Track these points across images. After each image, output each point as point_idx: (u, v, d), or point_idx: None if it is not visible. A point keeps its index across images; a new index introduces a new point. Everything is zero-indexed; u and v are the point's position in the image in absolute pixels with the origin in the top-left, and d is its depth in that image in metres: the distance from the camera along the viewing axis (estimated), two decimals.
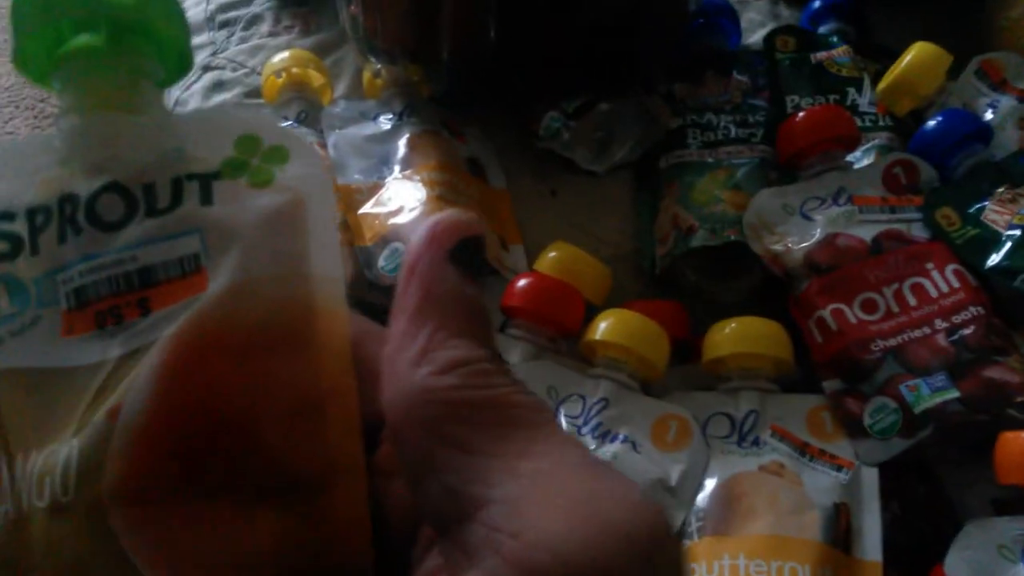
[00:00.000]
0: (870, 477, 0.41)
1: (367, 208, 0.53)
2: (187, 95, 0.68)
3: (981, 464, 0.43)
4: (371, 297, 0.51)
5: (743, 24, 0.68)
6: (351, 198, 0.54)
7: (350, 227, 0.53)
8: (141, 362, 0.18)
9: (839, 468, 0.42)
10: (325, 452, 0.18)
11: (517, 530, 0.16)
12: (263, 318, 0.18)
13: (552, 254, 0.52)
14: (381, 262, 0.50)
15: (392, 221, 0.52)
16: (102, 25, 0.20)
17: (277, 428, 0.18)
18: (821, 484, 0.41)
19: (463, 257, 0.19)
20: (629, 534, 0.16)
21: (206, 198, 0.19)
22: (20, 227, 0.19)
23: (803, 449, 0.43)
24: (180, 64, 0.22)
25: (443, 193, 0.53)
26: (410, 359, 0.18)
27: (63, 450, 0.17)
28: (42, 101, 1.72)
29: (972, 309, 0.44)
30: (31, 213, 0.19)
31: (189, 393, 0.17)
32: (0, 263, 0.19)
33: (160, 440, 0.17)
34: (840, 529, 0.40)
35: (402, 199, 0.53)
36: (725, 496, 0.41)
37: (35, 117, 1.68)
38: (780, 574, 0.38)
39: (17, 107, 1.42)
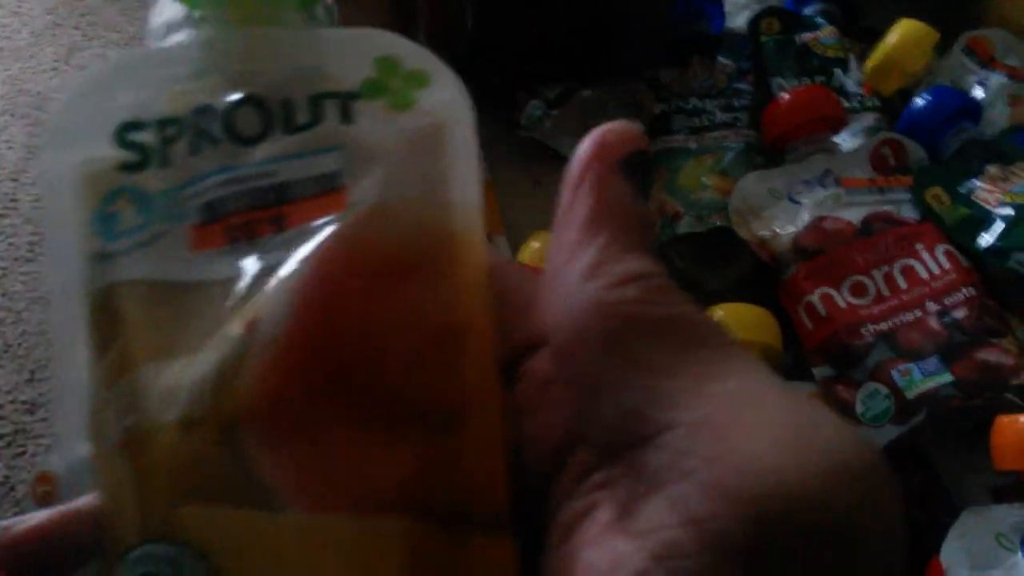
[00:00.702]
0: None
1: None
2: None
3: (978, 451, 0.42)
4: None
5: (727, 7, 0.66)
6: None
7: None
8: (278, 278, 0.17)
9: None
10: (460, 386, 0.17)
11: (714, 454, 0.14)
12: (402, 242, 0.18)
13: (535, 245, 0.51)
14: None
15: None
16: None
17: (411, 357, 0.17)
18: None
19: (633, 169, 0.18)
20: (851, 466, 0.14)
21: (346, 117, 0.19)
22: (149, 138, 0.19)
23: None
24: None
25: None
26: (582, 272, 0.16)
27: (195, 364, 0.17)
28: (38, 108, 1.72)
29: (964, 290, 0.43)
30: (162, 124, 0.19)
31: (328, 312, 0.17)
32: (127, 174, 0.19)
33: (297, 357, 0.16)
34: None
35: None
36: None
37: (31, 125, 1.67)
38: None
39: (13, 115, 1.41)
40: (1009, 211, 0.45)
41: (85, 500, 0.17)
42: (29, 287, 1.48)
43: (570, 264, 0.17)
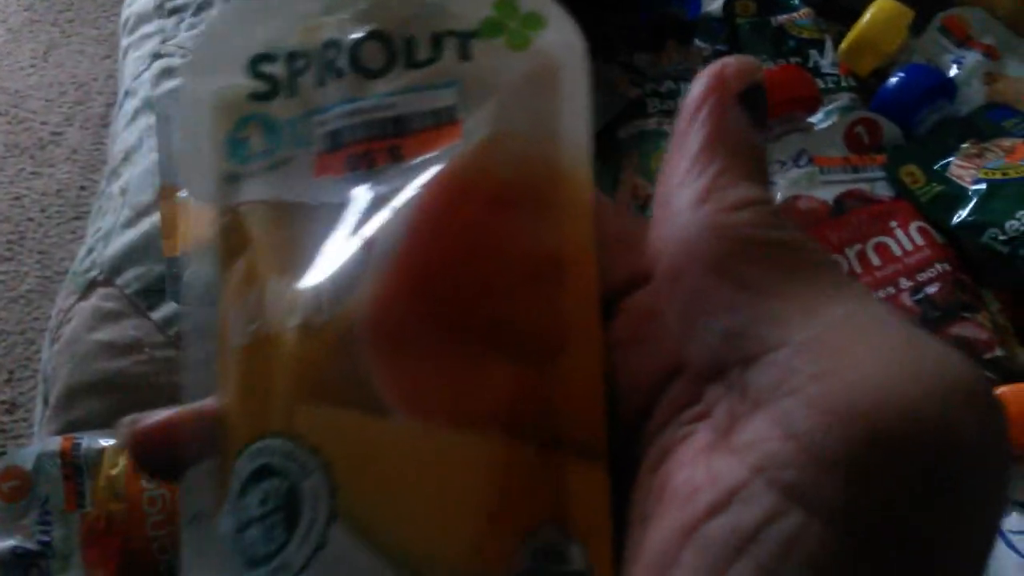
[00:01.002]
0: None
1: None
2: (137, 84, 0.67)
3: None
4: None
5: None
6: None
7: None
8: (395, 204, 0.18)
9: None
10: (561, 316, 0.18)
11: (823, 371, 0.14)
12: (513, 174, 0.18)
13: None
14: None
15: None
16: None
17: (516, 284, 0.18)
18: None
19: (751, 102, 0.18)
20: (967, 388, 0.14)
21: (464, 54, 0.20)
22: (279, 69, 0.20)
23: None
24: None
25: None
26: (693, 196, 0.17)
27: (316, 277, 0.18)
28: (15, 107, 1.70)
29: (938, 266, 0.42)
30: (292, 56, 0.20)
31: (441, 235, 0.18)
32: (257, 102, 0.20)
33: (411, 274, 0.17)
34: None
35: None
36: None
37: (9, 122, 1.66)
38: None
39: None
40: (983, 187, 0.45)
41: (206, 401, 0.18)
42: (8, 287, 1.47)
43: (682, 189, 0.17)
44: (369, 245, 0.18)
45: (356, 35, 0.20)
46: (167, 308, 0.52)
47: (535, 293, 0.18)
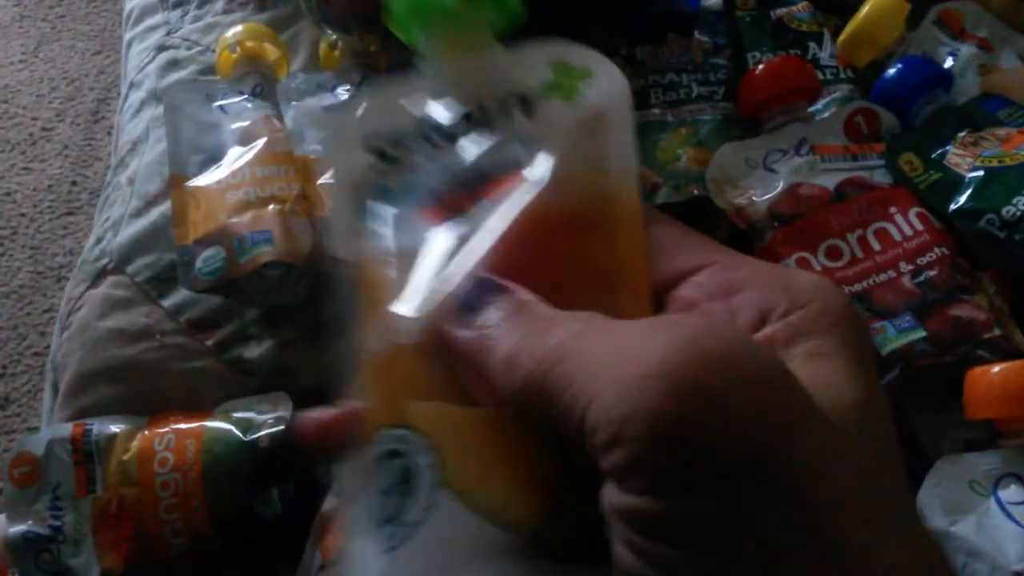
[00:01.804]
0: None
1: (325, 179, 0.52)
2: (142, 76, 0.67)
3: (950, 408, 0.43)
4: (331, 267, 0.50)
5: None
6: (309, 169, 0.53)
7: (308, 198, 0.52)
8: (479, 237, 0.23)
9: None
10: (619, 314, 0.20)
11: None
12: (575, 203, 0.23)
13: None
14: None
15: None
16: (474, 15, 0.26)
17: (582, 289, 0.22)
18: None
19: None
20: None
21: (528, 113, 0.24)
22: (391, 149, 0.25)
23: None
24: (510, 15, 0.27)
25: None
26: None
27: (419, 304, 0.22)
28: (5, 102, 1.69)
29: (936, 250, 0.44)
30: (400, 139, 0.25)
31: (513, 258, 0.22)
32: (379, 177, 0.25)
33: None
34: None
35: None
36: None
37: (0, 119, 1.65)
38: None
39: None
40: (980, 174, 0.46)
41: (353, 403, 0.23)
42: (0, 282, 1.46)
43: None
44: (458, 275, 0.22)
45: (450, 116, 0.25)
46: (178, 296, 0.53)
47: (596, 296, 0.22)
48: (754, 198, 0.48)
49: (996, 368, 0.38)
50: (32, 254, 1.45)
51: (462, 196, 0.24)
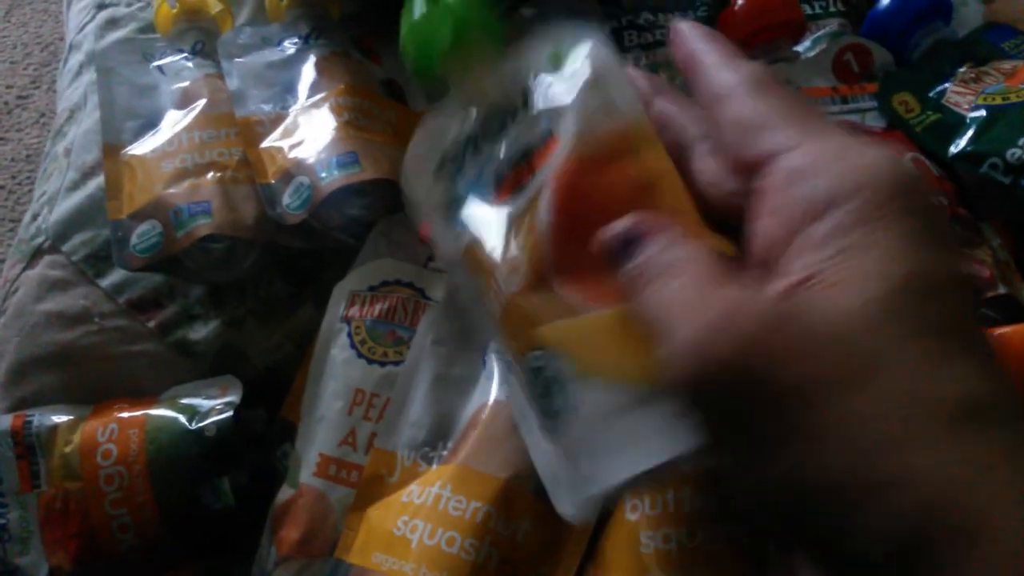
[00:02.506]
0: None
1: (269, 141, 0.48)
2: (81, 37, 0.62)
3: None
4: (278, 238, 0.46)
5: None
6: (251, 131, 0.49)
7: (251, 163, 0.48)
8: (542, 194, 0.28)
9: None
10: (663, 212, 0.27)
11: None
12: (601, 144, 0.28)
13: None
14: (286, 199, 0.46)
15: (295, 154, 0.47)
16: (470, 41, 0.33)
17: (631, 205, 0.26)
18: None
19: None
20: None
21: (544, 96, 0.30)
22: (451, 164, 0.33)
23: None
24: (496, 35, 0.34)
25: (354, 119, 0.48)
26: None
27: (518, 255, 0.29)
28: None
29: (935, 200, 0.39)
30: (449, 156, 0.33)
31: (575, 196, 0.28)
32: (452, 190, 0.33)
33: (562, 227, 0.28)
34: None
35: (308, 129, 0.48)
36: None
37: None
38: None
39: None
40: (982, 113, 0.42)
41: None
42: None
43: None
44: (532, 226, 0.29)
45: (482, 128, 0.32)
46: (116, 275, 0.49)
47: (644, 203, 0.27)
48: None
49: (1002, 330, 0.34)
50: (12, 227, 1.41)
51: (519, 173, 0.30)
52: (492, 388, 0.40)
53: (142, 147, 0.49)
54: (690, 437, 0.24)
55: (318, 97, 0.50)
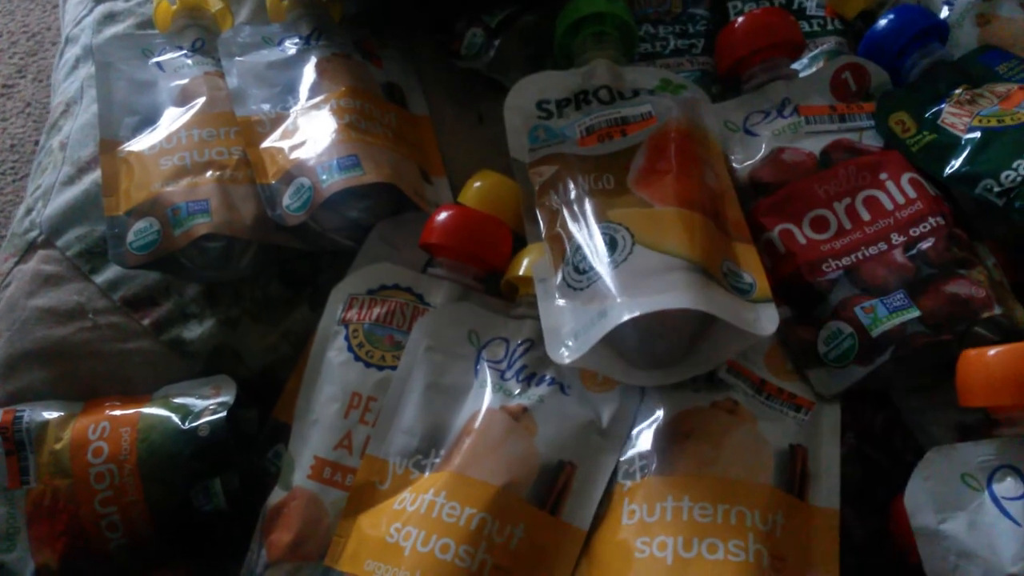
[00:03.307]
0: (831, 417, 0.38)
1: (270, 142, 0.48)
2: (78, 30, 0.62)
3: (942, 388, 0.40)
4: (276, 239, 0.46)
5: None
6: (252, 131, 0.49)
7: (251, 163, 0.47)
8: (636, 151, 0.44)
9: (798, 408, 0.38)
10: (721, 181, 0.44)
11: None
12: (686, 132, 0.44)
13: (477, 184, 0.48)
14: (286, 200, 0.45)
15: (296, 155, 0.47)
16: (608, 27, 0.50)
17: (705, 164, 0.43)
18: (777, 424, 0.37)
19: None
20: None
21: (652, 94, 0.47)
22: (552, 107, 0.47)
23: (760, 387, 0.39)
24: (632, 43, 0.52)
25: (354, 121, 0.48)
26: None
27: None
28: None
29: (931, 220, 0.40)
30: (559, 102, 0.47)
31: (663, 143, 0.44)
32: (543, 120, 0.46)
33: (651, 164, 0.43)
34: (794, 473, 0.36)
35: (308, 130, 0.48)
36: (672, 434, 0.38)
37: None
38: (727, 518, 0.34)
39: None
40: (977, 135, 0.43)
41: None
42: None
43: None
44: (626, 163, 0.43)
45: (597, 87, 0.47)
46: (111, 271, 0.49)
47: (713, 176, 0.43)
48: (734, 164, 0.44)
49: (993, 351, 0.35)
50: None
51: (612, 130, 0.45)
52: (485, 397, 0.40)
53: (140, 144, 0.49)
54: (707, 302, 0.35)
55: (319, 98, 0.50)
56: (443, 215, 0.44)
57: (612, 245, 0.39)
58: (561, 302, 0.39)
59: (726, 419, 0.38)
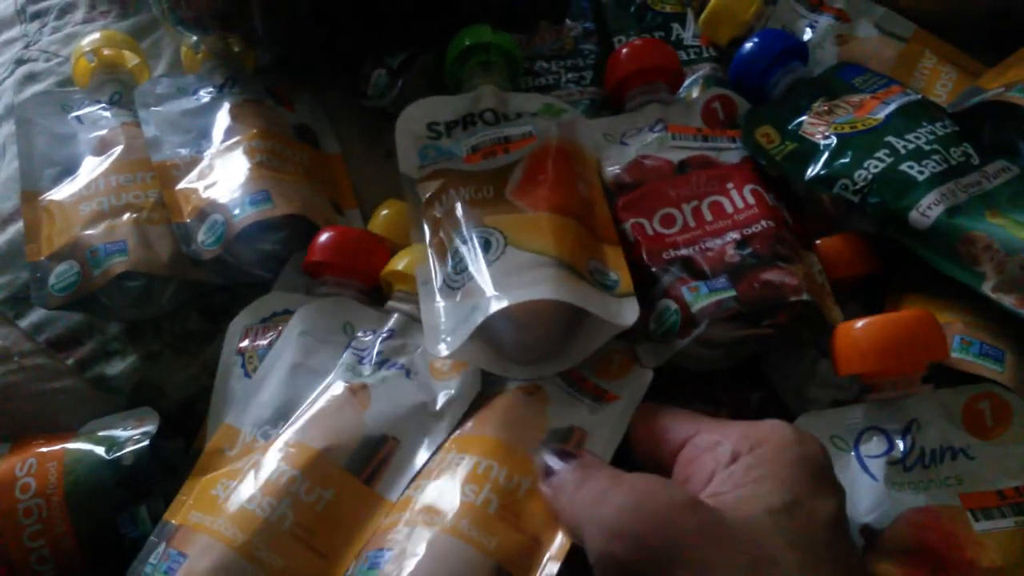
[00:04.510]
0: (625, 408, 0.40)
1: (185, 183, 0.51)
2: (0, 89, 0.64)
3: (819, 367, 0.43)
4: (196, 275, 0.49)
5: None
6: (168, 175, 0.51)
7: (167, 204, 0.50)
8: (516, 166, 0.47)
9: (597, 399, 0.41)
10: (593, 189, 0.49)
11: None
12: (563, 148, 0.48)
13: (384, 212, 0.51)
14: (201, 236, 0.48)
15: (210, 194, 0.49)
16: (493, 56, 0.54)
17: (578, 179, 0.47)
18: (568, 408, 0.40)
19: None
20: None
21: (534, 116, 0.51)
22: (441, 127, 0.50)
23: (574, 380, 0.42)
24: (516, 71, 0.56)
25: (265, 160, 0.51)
26: None
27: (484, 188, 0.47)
28: None
29: (764, 223, 0.44)
30: (448, 123, 0.50)
31: (541, 161, 0.47)
32: (433, 141, 0.49)
33: (530, 172, 0.47)
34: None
35: (222, 171, 0.51)
36: (474, 404, 0.42)
37: None
38: (477, 468, 0.38)
39: None
40: (833, 141, 0.47)
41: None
42: None
43: None
44: (505, 181, 0.46)
45: (481, 110, 0.50)
46: (36, 315, 0.51)
47: (585, 201, 0.46)
48: (606, 169, 0.48)
49: (863, 322, 0.38)
50: None
51: (496, 147, 0.48)
52: (340, 377, 0.43)
53: (60, 192, 0.51)
54: (570, 294, 0.39)
55: (232, 141, 0.52)
56: (322, 237, 0.47)
57: (487, 247, 0.42)
58: (441, 302, 0.42)
59: (521, 397, 0.41)
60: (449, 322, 0.41)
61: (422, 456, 0.40)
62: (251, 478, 0.39)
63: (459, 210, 0.44)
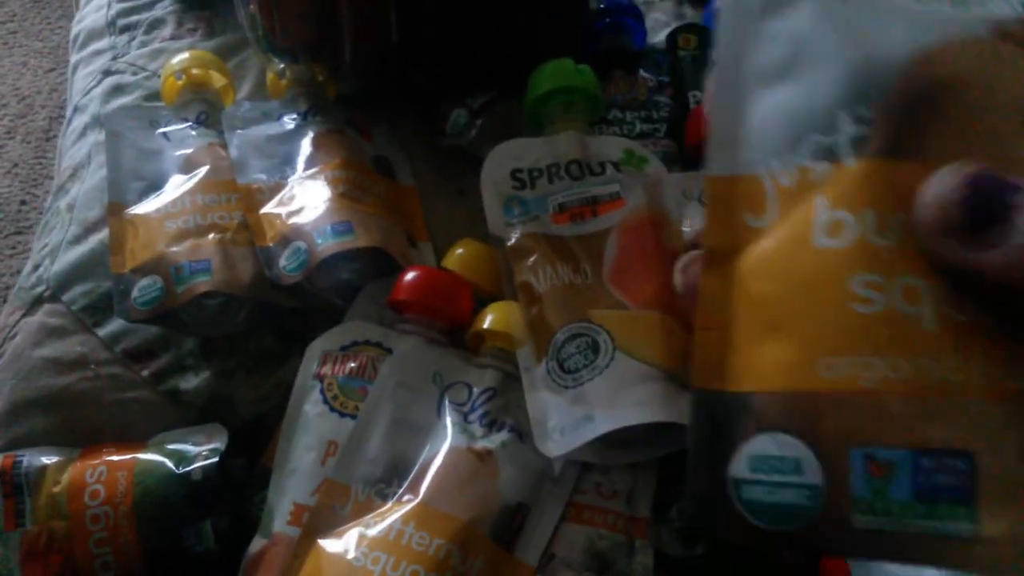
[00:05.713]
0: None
1: (268, 208, 0.52)
2: (86, 100, 0.66)
3: None
4: (273, 297, 0.50)
5: (649, 24, 0.69)
6: (252, 198, 0.53)
7: (250, 228, 0.51)
8: (608, 237, 0.47)
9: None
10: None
11: None
12: (653, 221, 0.47)
13: (459, 251, 0.52)
14: (283, 261, 0.49)
15: (293, 220, 0.51)
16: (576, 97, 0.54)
17: (662, 263, 0.45)
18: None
19: None
20: None
21: (617, 170, 0.50)
22: (525, 176, 0.50)
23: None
24: (596, 110, 0.56)
25: (347, 191, 0.52)
26: None
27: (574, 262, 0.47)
28: None
29: None
30: (531, 171, 0.50)
31: (631, 238, 0.47)
32: (516, 191, 0.49)
33: (623, 254, 0.46)
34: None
35: (305, 198, 0.52)
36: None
37: None
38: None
39: None
40: None
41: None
42: None
43: None
44: (597, 253, 0.46)
45: (567, 161, 0.50)
46: (114, 325, 0.52)
47: (668, 266, 0.38)
48: (684, 230, 0.49)
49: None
50: None
51: (582, 209, 0.48)
52: (449, 435, 0.44)
53: (146, 207, 0.53)
54: (679, 413, 0.38)
55: (314, 169, 0.54)
56: (409, 275, 0.48)
57: (595, 348, 0.42)
58: (546, 395, 0.43)
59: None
60: (558, 421, 0.41)
61: (549, 522, 0.41)
62: (401, 549, 0.39)
63: (559, 295, 0.44)
